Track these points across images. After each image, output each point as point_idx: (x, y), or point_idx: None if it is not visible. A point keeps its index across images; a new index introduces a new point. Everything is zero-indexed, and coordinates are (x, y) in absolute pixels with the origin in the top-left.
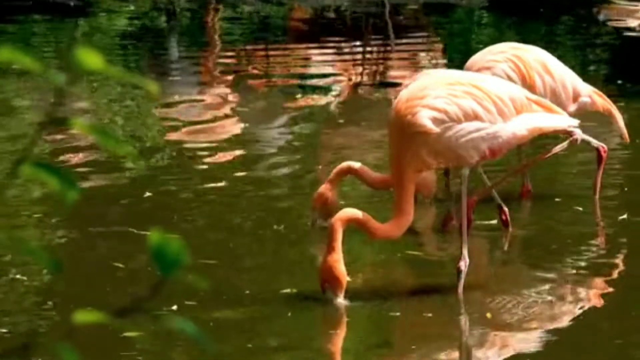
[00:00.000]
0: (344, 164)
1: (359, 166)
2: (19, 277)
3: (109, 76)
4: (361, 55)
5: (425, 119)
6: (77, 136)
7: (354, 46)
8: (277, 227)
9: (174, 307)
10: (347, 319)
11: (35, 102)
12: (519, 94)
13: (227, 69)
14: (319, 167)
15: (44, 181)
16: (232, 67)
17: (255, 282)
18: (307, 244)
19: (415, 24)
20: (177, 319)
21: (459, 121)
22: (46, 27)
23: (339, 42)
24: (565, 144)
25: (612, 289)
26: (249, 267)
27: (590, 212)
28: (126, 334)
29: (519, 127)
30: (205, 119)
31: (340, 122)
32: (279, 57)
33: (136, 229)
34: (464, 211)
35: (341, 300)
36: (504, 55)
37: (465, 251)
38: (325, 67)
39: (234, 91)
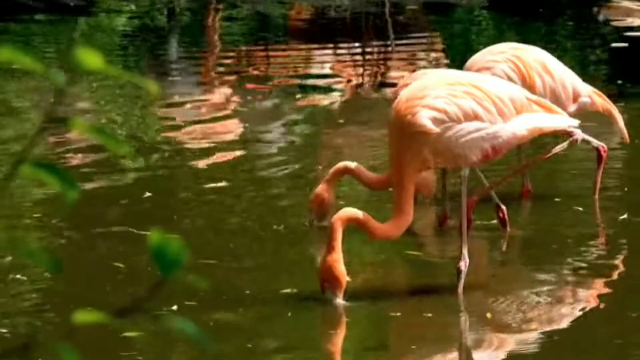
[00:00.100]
0: (341, 164)
1: (355, 166)
2: (19, 277)
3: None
4: (361, 55)
5: (425, 119)
6: (77, 137)
7: (354, 46)
8: (277, 227)
9: (174, 307)
10: (346, 319)
11: (36, 103)
12: (519, 94)
13: (227, 69)
14: (319, 167)
15: (43, 181)
16: (232, 67)
17: (255, 282)
18: (307, 244)
19: (415, 23)
20: (177, 319)
21: (458, 121)
22: (47, 26)
23: (339, 41)
24: (565, 144)
25: (612, 289)
26: (249, 267)
27: (590, 212)
28: (126, 334)
29: (519, 127)
30: (205, 119)
31: (340, 122)
32: (279, 57)
33: (136, 229)
34: (464, 211)
35: (340, 300)
36: (503, 55)
37: (465, 251)
38: (325, 67)
39: (234, 91)
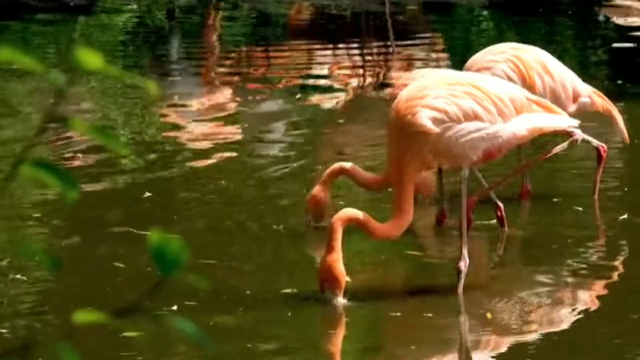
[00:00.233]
0: (336, 165)
1: (350, 166)
2: (19, 277)
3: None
4: (361, 55)
5: (425, 119)
6: (77, 137)
7: (354, 46)
8: (276, 227)
9: (174, 307)
10: (346, 319)
11: (38, 104)
12: (519, 94)
13: (227, 69)
14: (320, 167)
15: (43, 181)
16: (233, 67)
17: (255, 282)
18: (307, 244)
19: (415, 22)
20: (177, 319)
21: (458, 121)
22: (47, 26)
23: (339, 41)
24: (565, 144)
25: (612, 290)
26: (248, 267)
27: (590, 212)
28: (126, 334)
29: (519, 127)
30: (205, 119)
31: (340, 122)
32: (280, 57)
33: (136, 229)
34: (464, 211)
35: (340, 300)
36: (503, 55)
37: (465, 251)
38: (325, 67)
39: (235, 91)
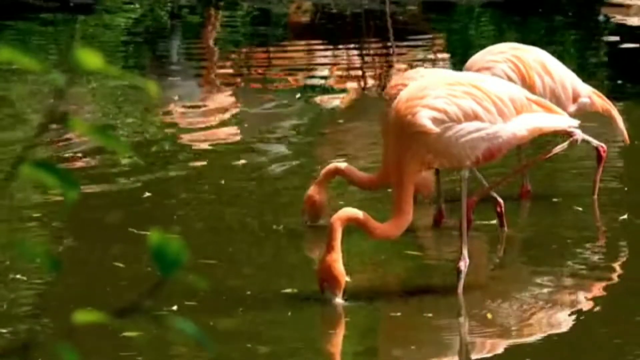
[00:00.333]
0: (331, 166)
1: (345, 167)
2: (19, 277)
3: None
4: (361, 55)
5: (425, 119)
6: (77, 138)
7: (354, 46)
8: (276, 227)
9: (174, 307)
10: (346, 319)
11: (38, 104)
12: (519, 94)
13: (227, 69)
14: (320, 166)
15: (43, 181)
16: (233, 67)
17: (255, 282)
18: (307, 244)
19: (415, 21)
20: (177, 319)
21: (458, 121)
22: (47, 26)
23: (339, 41)
24: (565, 144)
25: (613, 291)
26: (248, 267)
27: (590, 212)
28: (126, 334)
29: (519, 127)
30: (205, 119)
31: (340, 121)
32: (280, 58)
33: (136, 229)
34: (464, 211)
35: (340, 299)
36: (503, 55)
37: (465, 251)
38: (325, 67)
39: (235, 91)
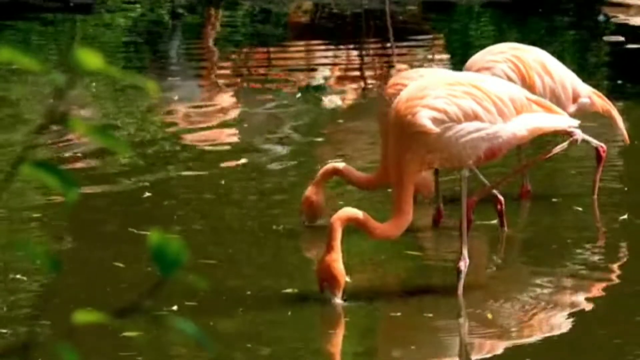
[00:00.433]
0: (329, 166)
1: (343, 167)
2: (19, 277)
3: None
4: (361, 54)
5: (425, 119)
6: (77, 138)
7: (355, 46)
8: (276, 227)
9: (174, 307)
10: (346, 319)
11: (38, 104)
12: (518, 94)
13: (228, 69)
14: (320, 167)
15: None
16: (233, 67)
17: (255, 282)
18: (307, 244)
19: (415, 22)
20: (177, 319)
21: (458, 121)
22: (48, 25)
23: (339, 41)
24: (565, 144)
25: (612, 291)
26: (248, 267)
27: (590, 212)
28: (126, 334)
29: (519, 127)
30: (205, 119)
31: (340, 121)
32: (280, 58)
33: (136, 229)
34: (464, 211)
35: (339, 299)
36: (503, 55)
37: (465, 251)
38: (325, 67)
39: (235, 92)
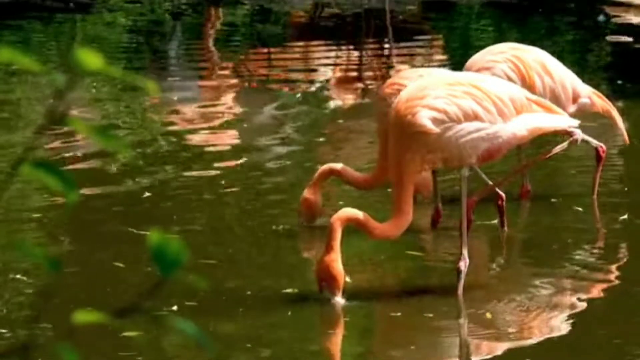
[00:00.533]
0: (326, 167)
1: (340, 167)
2: (19, 277)
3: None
4: (361, 54)
5: (425, 119)
6: (77, 139)
7: (355, 46)
8: (276, 228)
9: (174, 307)
10: (346, 319)
11: (38, 104)
12: (519, 94)
13: (228, 70)
14: (320, 167)
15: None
16: (234, 67)
17: (255, 282)
18: (307, 244)
19: (415, 22)
20: (177, 319)
21: (458, 121)
22: (48, 25)
23: (339, 41)
24: (565, 144)
25: (612, 291)
26: (248, 267)
27: (590, 212)
28: (126, 334)
29: (519, 127)
30: (205, 119)
31: (340, 122)
32: (280, 58)
33: (136, 229)
34: (464, 211)
35: (338, 299)
36: (503, 55)
37: (465, 251)
38: (325, 67)
39: (235, 92)
